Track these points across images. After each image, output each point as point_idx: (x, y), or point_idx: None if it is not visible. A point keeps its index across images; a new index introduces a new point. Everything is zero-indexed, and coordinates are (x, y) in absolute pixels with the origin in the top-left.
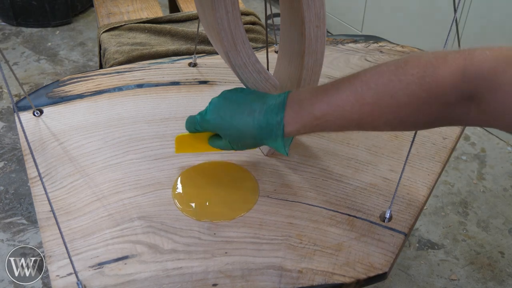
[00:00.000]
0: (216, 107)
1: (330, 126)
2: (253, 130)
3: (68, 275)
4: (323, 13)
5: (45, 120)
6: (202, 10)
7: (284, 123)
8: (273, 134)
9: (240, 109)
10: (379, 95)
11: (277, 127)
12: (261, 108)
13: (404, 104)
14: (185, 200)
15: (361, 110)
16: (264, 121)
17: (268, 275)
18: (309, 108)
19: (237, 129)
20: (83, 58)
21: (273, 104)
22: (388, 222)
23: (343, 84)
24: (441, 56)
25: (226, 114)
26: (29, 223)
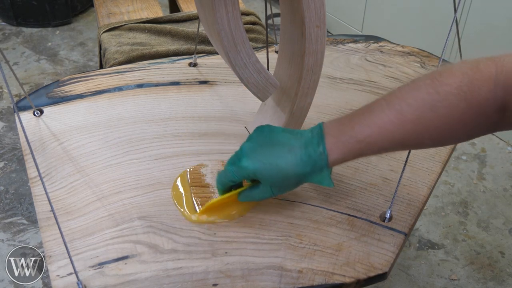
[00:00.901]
0: (251, 151)
1: (374, 149)
2: (296, 167)
3: (68, 275)
4: (323, 13)
5: (45, 120)
6: (202, 10)
7: (327, 152)
8: (317, 166)
9: (278, 149)
10: (419, 110)
11: (320, 158)
12: (300, 143)
13: (444, 117)
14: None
15: (403, 128)
16: (306, 154)
17: (268, 275)
18: (350, 132)
19: (279, 169)
20: (83, 58)
21: (311, 136)
22: (388, 222)
23: (379, 105)
24: (474, 65)
25: (264, 157)
26: (29, 223)
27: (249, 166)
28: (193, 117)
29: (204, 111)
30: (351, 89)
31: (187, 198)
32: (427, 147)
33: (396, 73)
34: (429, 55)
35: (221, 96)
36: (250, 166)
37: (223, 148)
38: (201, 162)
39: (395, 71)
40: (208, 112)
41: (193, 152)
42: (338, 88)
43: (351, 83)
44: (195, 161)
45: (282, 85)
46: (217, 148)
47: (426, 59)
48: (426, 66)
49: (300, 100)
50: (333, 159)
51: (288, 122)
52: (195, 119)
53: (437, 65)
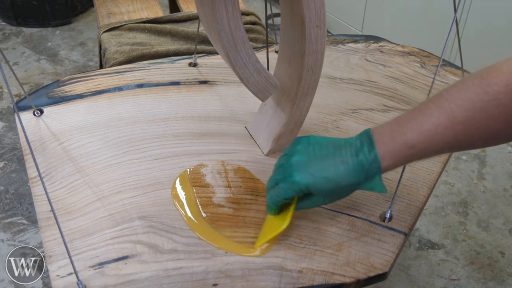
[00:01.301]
0: (302, 165)
1: (425, 153)
2: (349, 177)
3: (68, 275)
4: (323, 13)
5: (45, 120)
6: (203, 10)
7: (379, 159)
8: (370, 174)
9: (329, 161)
10: (469, 111)
11: (373, 166)
12: (350, 152)
13: (494, 117)
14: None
15: (454, 131)
16: (359, 164)
17: (268, 275)
18: (402, 138)
19: (332, 181)
20: (83, 58)
21: (361, 144)
22: (388, 222)
23: (428, 107)
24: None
25: (316, 171)
26: (29, 223)
27: (302, 180)
28: (193, 117)
29: (204, 111)
30: (351, 89)
31: (189, 198)
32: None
33: (396, 73)
34: (429, 55)
35: (221, 96)
36: (303, 180)
37: (223, 148)
38: (201, 162)
39: (395, 71)
40: (208, 112)
41: (193, 152)
42: (338, 88)
43: (351, 83)
44: (195, 161)
45: (282, 85)
46: (217, 148)
47: (426, 59)
48: (426, 66)
49: (300, 100)
50: (385, 166)
51: (288, 122)
52: (195, 119)
53: (437, 65)
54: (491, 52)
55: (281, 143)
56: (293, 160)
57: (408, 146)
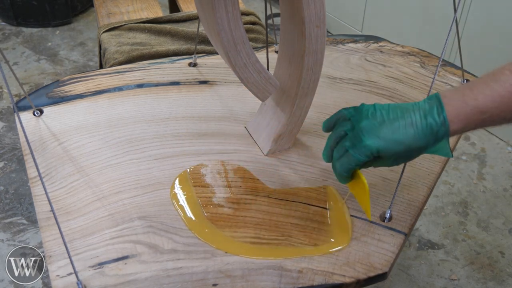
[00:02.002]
0: (372, 130)
1: (496, 119)
2: (419, 140)
3: (68, 275)
4: (323, 13)
5: (45, 120)
6: (202, 10)
7: (448, 121)
8: (439, 136)
9: (398, 124)
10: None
11: (442, 129)
12: (419, 115)
13: None
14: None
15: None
16: (428, 126)
17: (268, 275)
18: (473, 102)
19: (402, 144)
20: (83, 58)
21: (430, 107)
22: (388, 222)
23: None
24: None
25: (387, 134)
26: (29, 223)
27: (373, 144)
28: (193, 117)
29: (204, 111)
30: (351, 89)
31: (189, 198)
32: None
33: (396, 73)
34: (429, 55)
35: (221, 96)
36: (375, 144)
37: (223, 148)
38: (201, 162)
39: (395, 71)
40: (208, 112)
41: (193, 152)
42: (338, 88)
43: (351, 83)
44: (195, 161)
45: (282, 85)
46: (217, 148)
47: (426, 59)
48: (426, 66)
49: (300, 100)
50: (454, 129)
51: (288, 122)
52: (195, 119)
53: (437, 65)
54: (491, 52)
55: (281, 143)
56: (362, 125)
57: (479, 111)
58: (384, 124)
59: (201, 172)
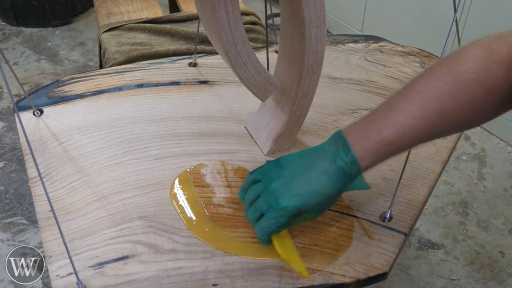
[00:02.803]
0: (285, 189)
1: (403, 147)
2: (334, 185)
3: (68, 275)
4: (323, 13)
5: (45, 120)
6: (202, 10)
7: (358, 160)
8: (352, 176)
9: (310, 175)
10: (441, 101)
11: (353, 168)
12: (327, 160)
13: (465, 104)
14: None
15: (428, 123)
16: (339, 170)
17: (268, 275)
18: (377, 136)
19: (321, 194)
20: (83, 58)
21: (336, 149)
22: (388, 222)
23: (399, 102)
24: (487, 46)
25: (301, 189)
26: (29, 223)
27: (291, 204)
28: (193, 117)
29: (204, 111)
30: (351, 89)
31: (190, 198)
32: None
33: (396, 73)
34: (429, 55)
35: (221, 96)
36: (292, 203)
37: (223, 148)
38: (201, 162)
39: (395, 71)
40: (208, 112)
41: (193, 152)
42: (338, 88)
43: (351, 83)
44: (195, 161)
45: (282, 85)
46: (217, 148)
47: (426, 59)
48: (426, 66)
49: (300, 100)
50: (366, 165)
51: (288, 122)
52: (195, 119)
53: None
54: None
55: (281, 143)
56: (273, 186)
57: (386, 143)
58: (295, 179)
59: (201, 172)
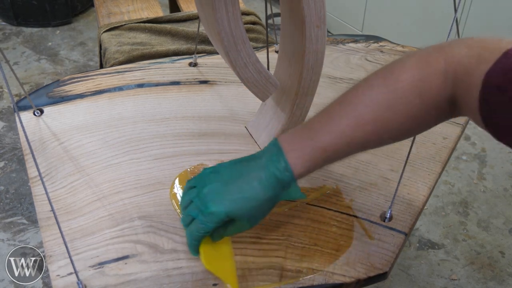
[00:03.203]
0: (216, 194)
1: (337, 155)
2: (266, 192)
3: (68, 275)
4: (323, 13)
5: (46, 120)
6: (202, 10)
7: (291, 166)
8: (285, 183)
9: (242, 181)
10: (376, 111)
11: (286, 175)
12: (261, 167)
13: (402, 114)
14: None
15: (364, 131)
16: (272, 176)
17: (268, 275)
18: (312, 143)
19: (252, 200)
20: (84, 58)
21: (270, 155)
22: (388, 222)
23: (335, 110)
24: (424, 58)
25: (232, 195)
26: (30, 223)
27: (220, 209)
28: (193, 117)
29: (204, 111)
30: None
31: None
32: (387, 144)
33: None
34: None
35: (221, 96)
36: (221, 209)
37: (223, 148)
38: (201, 162)
39: None
40: (208, 112)
41: (193, 152)
42: (338, 88)
43: (351, 83)
44: (195, 161)
45: (282, 85)
46: (217, 148)
47: None
48: None
49: (300, 100)
50: (299, 172)
51: (288, 122)
52: (195, 119)
53: None
54: None
55: None
56: (205, 191)
57: (320, 151)
58: (228, 184)
59: None
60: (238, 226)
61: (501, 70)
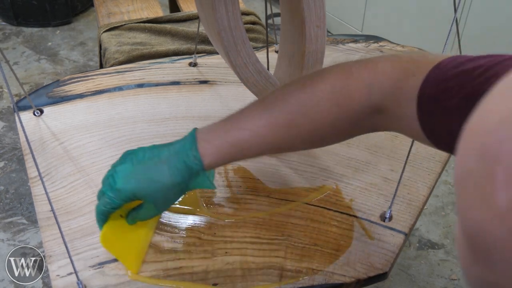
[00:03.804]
0: (126, 172)
1: (247, 152)
2: (173, 176)
3: (68, 275)
4: (323, 13)
5: (45, 120)
6: (202, 10)
7: (201, 156)
8: (193, 171)
9: (152, 163)
10: (291, 115)
11: (195, 163)
12: (173, 152)
13: (316, 122)
14: None
15: (276, 133)
16: (181, 162)
17: (268, 275)
18: (224, 136)
19: (157, 183)
20: (83, 58)
21: (183, 143)
22: (388, 222)
23: (255, 108)
24: (347, 70)
25: (139, 175)
26: (29, 223)
27: (126, 186)
28: (193, 117)
29: (204, 111)
30: None
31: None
32: (300, 150)
33: None
34: None
35: (221, 96)
36: (127, 186)
37: None
38: None
39: None
40: (208, 112)
41: None
42: None
43: None
44: None
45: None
46: None
47: None
48: None
49: None
50: (208, 162)
51: None
52: (195, 119)
53: None
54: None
55: None
56: (117, 169)
57: (230, 145)
58: (138, 165)
59: None
60: (146, 209)
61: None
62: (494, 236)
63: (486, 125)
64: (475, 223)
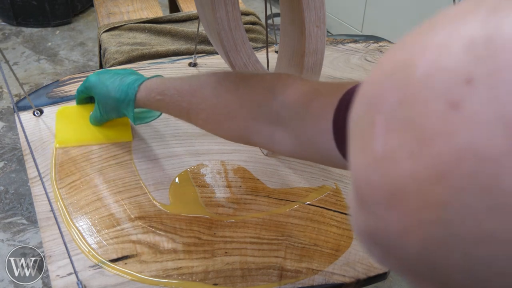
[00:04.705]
0: (99, 73)
1: (169, 106)
2: (116, 91)
3: (68, 275)
4: (323, 13)
5: (45, 120)
6: (202, 10)
7: (138, 90)
8: (128, 96)
9: (113, 75)
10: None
11: (131, 92)
12: (128, 76)
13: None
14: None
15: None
16: (125, 84)
17: (268, 275)
18: (158, 85)
19: (106, 88)
20: (83, 58)
21: (136, 78)
22: None
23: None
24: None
25: (104, 78)
26: (29, 223)
27: (90, 78)
28: None
29: None
30: None
31: (190, 197)
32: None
33: None
34: None
35: None
36: (91, 78)
37: (223, 148)
38: (201, 162)
39: None
40: None
41: (193, 152)
42: None
43: None
44: (195, 161)
45: None
46: (217, 148)
47: None
48: None
49: None
50: (138, 97)
51: None
52: None
53: None
54: None
55: None
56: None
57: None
58: (108, 73)
59: (201, 172)
60: (96, 109)
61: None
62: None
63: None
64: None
